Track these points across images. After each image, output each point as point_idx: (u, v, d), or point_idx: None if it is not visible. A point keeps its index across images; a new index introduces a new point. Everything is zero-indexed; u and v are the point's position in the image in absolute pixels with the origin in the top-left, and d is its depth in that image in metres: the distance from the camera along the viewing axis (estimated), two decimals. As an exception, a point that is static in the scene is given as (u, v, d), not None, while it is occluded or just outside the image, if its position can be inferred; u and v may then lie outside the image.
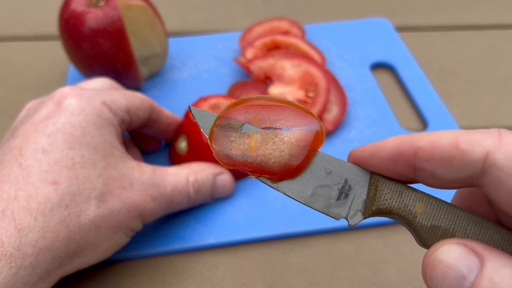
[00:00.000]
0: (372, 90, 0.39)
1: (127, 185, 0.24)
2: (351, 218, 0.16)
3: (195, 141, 0.30)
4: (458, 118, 0.37)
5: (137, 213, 0.24)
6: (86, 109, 0.24)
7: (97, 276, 0.26)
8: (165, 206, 0.26)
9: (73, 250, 0.22)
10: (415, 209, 0.15)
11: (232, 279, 0.27)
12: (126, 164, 0.24)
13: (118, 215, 0.23)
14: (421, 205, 0.15)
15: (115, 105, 0.25)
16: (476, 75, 0.42)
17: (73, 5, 0.34)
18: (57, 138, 0.22)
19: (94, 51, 0.33)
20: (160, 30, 0.37)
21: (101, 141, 0.23)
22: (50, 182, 0.21)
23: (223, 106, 0.31)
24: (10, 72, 0.42)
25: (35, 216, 0.20)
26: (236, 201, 0.30)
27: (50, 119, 0.23)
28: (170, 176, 0.26)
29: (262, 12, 0.50)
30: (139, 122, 0.28)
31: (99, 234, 0.22)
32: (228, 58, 0.42)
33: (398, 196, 0.15)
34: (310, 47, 0.40)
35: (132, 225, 0.24)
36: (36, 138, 0.22)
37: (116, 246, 0.24)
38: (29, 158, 0.21)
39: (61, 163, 0.22)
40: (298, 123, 0.16)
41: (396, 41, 0.44)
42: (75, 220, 0.21)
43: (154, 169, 0.26)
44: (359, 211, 0.16)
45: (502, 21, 0.48)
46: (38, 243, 0.20)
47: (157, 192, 0.25)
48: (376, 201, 0.15)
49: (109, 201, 0.23)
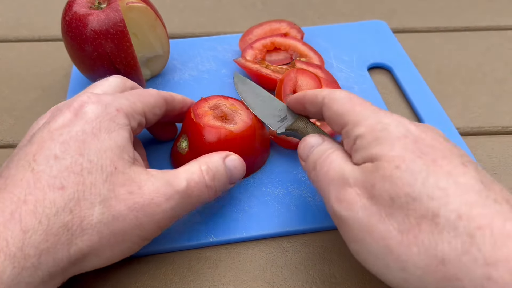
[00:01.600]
0: (369, 91, 0.40)
1: (135, 189, 0.23)
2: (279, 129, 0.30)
3: (196, 140, 0.30)
4: (454, 119, 0.38)
5: (147, 219, 0.23)
6: (100, 115, 0.24)
7: (98, 274, 0.27)
8: (183, 202, 0.25)
9: (74, 255, 0.22)
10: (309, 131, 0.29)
11: (232, 277, 0.27)
12: (133, 168, 0.24)
13: (123, 222, 0.23)
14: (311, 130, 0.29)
15: (131, 109, 0.26)
16: (473, 76, 0.42)
17: (76, 7, 0.34)
18: (69, 145, 0.23)
19: (96, 52, 0.34)
20: (161, 31, 0.38)
21: (110, 145, 0.24)
22: (58, 187, 0.21)
23: (223, 107, 0.31)
24: (13, 73, 0.43)
25: (40, 219, 0.21)
26: (237, 200, 0.31)
27: (66, 128, 0.23)
28: (182, 173, 0.26)
29: (261, 14, 0.51)
30: (156, 119, 0.29)
31: (102, 240, 0.22)
32: (228, 59, 0.43)
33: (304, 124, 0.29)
34: (309, 49, 0.41)
35: (143, 233, 0.24)
36: (50, 145, 0.23)
37: (120, 255, 0.24)
38: (41, 164, 0.22)
39: (69, 169, 0.22)
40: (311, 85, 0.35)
41: (393, 42, 0.45)
42: (77, 224, 0.21)
43: (163, 171, 0.25)
44: (284, 127, 0.30)
45: (498, 22, 0.49)
46: (40, 245, 0.20)
47: (170, 190, 0.24)
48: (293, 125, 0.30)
49: (115, 207, 0.22)
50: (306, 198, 0.31)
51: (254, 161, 0.32)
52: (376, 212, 0.21)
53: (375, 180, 0.21)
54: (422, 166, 0.20)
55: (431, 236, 0.19)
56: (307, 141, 0.27)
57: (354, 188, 0.22)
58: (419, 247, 0.19)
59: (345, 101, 0.25)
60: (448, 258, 0.18)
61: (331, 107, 0.25)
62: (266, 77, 0.37)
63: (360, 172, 0.22)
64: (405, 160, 0.20)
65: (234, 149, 0.29)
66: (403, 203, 0.20)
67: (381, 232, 0.20)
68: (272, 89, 0.37)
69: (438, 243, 0.19)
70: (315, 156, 0.25)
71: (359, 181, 0.22)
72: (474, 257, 0.18)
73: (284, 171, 0.33)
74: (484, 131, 0.37)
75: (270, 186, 0.32)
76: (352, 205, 0.21)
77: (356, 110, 0.24)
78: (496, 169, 0.34)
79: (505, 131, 0.37)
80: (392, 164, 0.20)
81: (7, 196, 0.21)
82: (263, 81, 0.38)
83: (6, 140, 0.37)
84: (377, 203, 0.21)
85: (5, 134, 0.37)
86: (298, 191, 0.31)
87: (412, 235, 0.19)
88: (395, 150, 0.21)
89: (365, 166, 0.22)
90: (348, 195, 0.22)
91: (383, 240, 0.20)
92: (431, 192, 0.19)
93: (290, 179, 0.32)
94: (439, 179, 0.20)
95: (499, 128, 0.37)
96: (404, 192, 0.20)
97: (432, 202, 0.19)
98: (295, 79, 0.35)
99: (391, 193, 0.20)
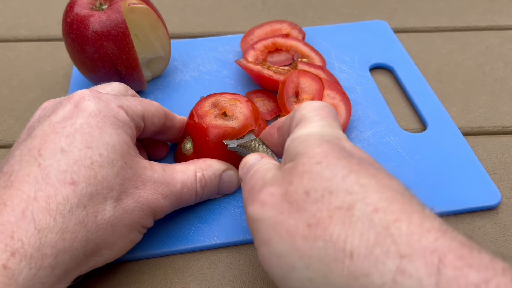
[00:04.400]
0: (371, 91, 0.40)
1: (140, 184, 0.24)
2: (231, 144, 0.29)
3: (200, 141, 0.30)
4: (455, 118, 0.38)
5: (149, 210, 0.25)
6: (103, 110, 0.24)
7: (98, 274, 0.27)
8: (175, 203, 0.27)
9: (90, 250, 0.22)
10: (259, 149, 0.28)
11: (232, 277, 0.27)
12: (140, 164, 0.25)
13: (132, 214, 0.24)
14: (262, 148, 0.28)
15: (131, 110, 0.26)
16: (473, 75, 0.42)
17: (77, 8, 0.34)
18: (75, 138, 0.22)
19: (97, 54, 0.34)
20: (163, 33, 0.37)
21: (119, 140, 0.24)
22: (69, 182, 0.21)
23: (223, 102, 0.31)
24: (13, 72, 0.43)
25: (54, 217, 0.20)
26: (239, 202, 0.31)
27: (68, 120, 0.23)
28: (179, 174, 0.27)
29: (261, 14, 0.51)
30: (153, 129, 0.29)
31: (115, 233, 0.23)
32: (229, 60, 0.43)
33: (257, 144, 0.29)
34: (311, 50, 0.41)
35: (145, 222, 0.25)
36: (55, 138, 0.22)
37: (130, 244, 0.25)
38: (48, 158, 0.22)
39: (79, 162, 0.22)
40: None
41: (394, 43, 0.45)
42: (92, 220, 0.22)
43: (164, 168, 0.26)
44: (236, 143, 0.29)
45: (498, 22, 0.49)
46: (57, 244, 0.20)
47: (167, 190, 0.26)
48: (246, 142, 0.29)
49: (124, 201, 0.23)
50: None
51: None
52: (286, 208, 0.19)
53: (293, 177, 0.20)
54: (345, 165, 0.19)
55: (341, 228, 0.17)
56: (245, 160, 0.26)
57: (269, 188, 0.21)
58: (326, 241, 0.17)
59: None
60: (358, 252, 0.17)
61: None
62: (268, 78, 0.37)
63: (280, 174, 0.21)
64: (327, 157, 0.20)
65: None
66: (319, 197, 0.19)
67: (288, 227, 0.19)
68: (274, 90, 0.37)
69: (348, 235, 0.17)
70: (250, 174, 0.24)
71: (277, 180, 0.21)
72: (387, 248, 0.16)
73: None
74: (484, 130, 0.37)
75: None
76: (265, 205, 0.20)
77: None
78: (496, 169, 0.34)
79: (505, 131, 0.37)
80: (313, 160, 0.20)
81: (15, 194, 0.20)
82: (265, 82, 0.38)
83: (6, 140, 0.37)
84: (291, 199, 0.19)
85: (5, 134, 0.37)
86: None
87: (320, 229, 0.18)
88: (321, 148, 0.20)
89: (286, 167, 0.21)
90: (263, 195, 0.21)
91: (289, 236, 0.19)
92: (349, 187, 0.18)
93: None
94: (361, 177, 0.19)
95: (499, 128, 0.37)
96: (322, 187, 0.19)
97: (349, 196, 0.18)
98: (297, 81, 0.35)
99: (307, 188, 0.19)
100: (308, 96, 0.35)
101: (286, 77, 0.35)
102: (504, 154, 0.35)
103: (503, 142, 0.36)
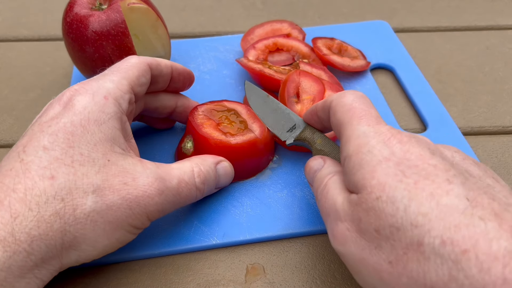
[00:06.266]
0: (372, 91, 0.40)
1: (129, 180, 0.24)
2: (288, 140, 0.30)
3: (201, 140, 0.30)
4: (456, 118, 0.38)
5: (140, 209, 0.24)
6: (88, 106, 0.24)
7: (98, 273, 0.27)
8: (173, 200, 0.26)
9: (68, 243, 0.22)
10: (316, 141, 0.29)
11: (232, 277, 0.27)
12: (128, 160, 0.25)
13: (117, 211, 0.23)
14: (319, 139, 0.29)
15: (119, 91, 0.26)
16: (474, 75, 0.42)
17: (77, 8, 0.34)
18: (58, 137, 0.23)
19: (97, 53, 0.34)
20: (162, 32, 0.37)
21: (101, 138, 0.24)
22: (48, 177, 0.22)
23: (214, 112, 0.32)
24: (13, 72, 0.43)
25: (29, 207, 0.21)
26: (239, 202, 0.31)
27: (54, 119, 0.24)
28: (175, 170, 0.26)
29: (261, 13, 0.51)
30: (145, 88, 0.29)
31: (96, 229, 0.23)
32: (230, 60, 0.43)
33: (311, 134, 0.30)
34: (312, 51, 0.41)
35: (135, 222, 0.24)
36: (39, 137, 0.23)
37: (117, 244, 0.24)
38: (30, 154, 0.22)
39: (60, 160, 0.22)
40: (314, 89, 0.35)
41: (395, 43, 0.45)
42: (70, 213, 0.22)
43: (158, 165, 0.26)
44: (293, 138, 0.30)
45: (498, 22, 0.49)
46: (31, 231, 0.21)
47: (162, 185, 0.25)
48: (301, 134, 0.30)
49: (108, 197, 0.23)
50: (309, 200, 0.31)
51: (258, 162, 0.32)
52: (366, 246, 0.21)
53: (360, 214, 0.21)
54: (403, 192, 0.20)
55: (418, 265, 0.19)
56: (310, 166, 0.28)
57: (344, 223, 0.22)
58: (409, 277, 0.19)
59: (347, 109, 0.25)
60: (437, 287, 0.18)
61: (335, 113, 0.25)
62: (269, 78, 0.37)
63: (348, 205, 0.22)
64: (385, 189, 0.20)
65: (241, 150, 0.29)
66: (388, 234, 0.20)
67: (373, 264, 0.20)
68: (275, 90, 0.37)
69: (425, 272, 0.18)
70: (317, 184, 0.26)
71: (348, 215, 0.22)
72: (461, 283, 0.17)
73: (287, 173, 0.33)
74: (485, 130, 0.37)
75: (273, 188, 0.32)
76: (345, 240, 0.22)
77: (352, 123, 0.24)
78: (496, 169, 0.34)
79: (506, 131, 0.37)
80: (373, 196, 0.21)
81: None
82: (266, 81, 0.38)
83: (5, 140, 0.37)
84: (365, 236, 0.21)
85: (5, 134, 0.37)
86: (301, 193, 0.31)
87: (401, 266, 0.19)
88: (375, 178, 0.21)
89: (351, 199, 0.22)
90: (340, 230, 0.22)
91: (376, 272, 0.20)
92: (414, 220, 0.19)
93: (294, 181, 0.32)
94: (421, 204, 0.19)
95: (500, 128, 0.37)
96: (388, 223, 0.20)
97: (415, 230, 0.19)
98: (298, 81, 0.35)
99: (376, 226, 0.20)
100: (309, 96, 0.35)
101: (287, 77, 0.35)
102: (504, 154, 0.35)
103: (503, 142, 0.36)
